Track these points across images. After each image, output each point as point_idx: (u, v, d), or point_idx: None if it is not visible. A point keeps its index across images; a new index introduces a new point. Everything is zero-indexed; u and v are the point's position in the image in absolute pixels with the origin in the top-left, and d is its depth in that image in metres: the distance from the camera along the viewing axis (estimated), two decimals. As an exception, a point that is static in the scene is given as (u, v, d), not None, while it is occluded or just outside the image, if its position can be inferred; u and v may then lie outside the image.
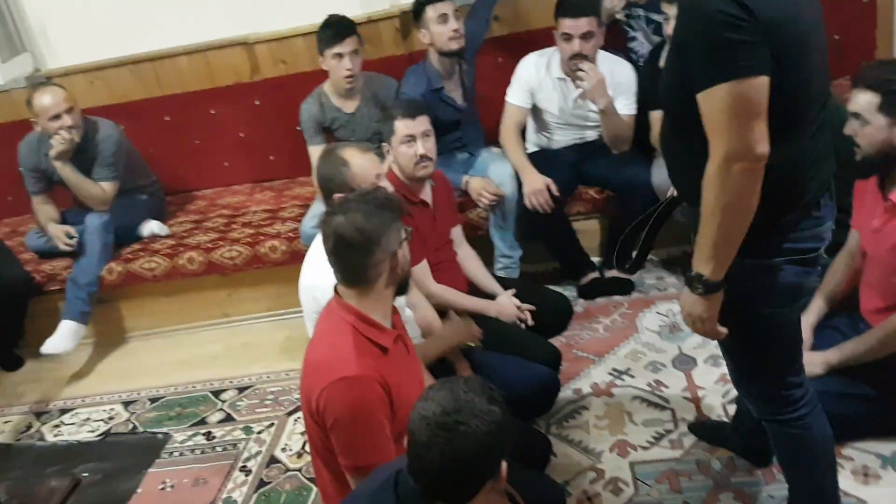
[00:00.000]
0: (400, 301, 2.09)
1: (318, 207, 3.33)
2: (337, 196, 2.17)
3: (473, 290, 2.80)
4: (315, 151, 3.35)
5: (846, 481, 2.10)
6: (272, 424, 2.89)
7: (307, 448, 2.71)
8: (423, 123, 2.61)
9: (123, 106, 3.92)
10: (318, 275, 2.08)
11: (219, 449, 2.82)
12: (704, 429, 2.41)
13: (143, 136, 3.85)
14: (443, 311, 2.64)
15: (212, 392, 3.15)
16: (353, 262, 1.80)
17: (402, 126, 2.59)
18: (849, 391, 2.15)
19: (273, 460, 2.70)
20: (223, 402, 3.08)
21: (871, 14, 3.51)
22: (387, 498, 1.47)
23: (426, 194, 2.73)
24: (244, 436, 2.86)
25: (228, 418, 2.98)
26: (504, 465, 1.43)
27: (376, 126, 3.33)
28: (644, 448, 2.40)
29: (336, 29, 3.15)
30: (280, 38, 3.83)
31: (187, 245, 3.54)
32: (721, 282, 1.55)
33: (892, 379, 2.12)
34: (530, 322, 2.69)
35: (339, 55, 3.16)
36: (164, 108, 3.95)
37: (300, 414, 2.91)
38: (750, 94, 1.38)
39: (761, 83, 1.38)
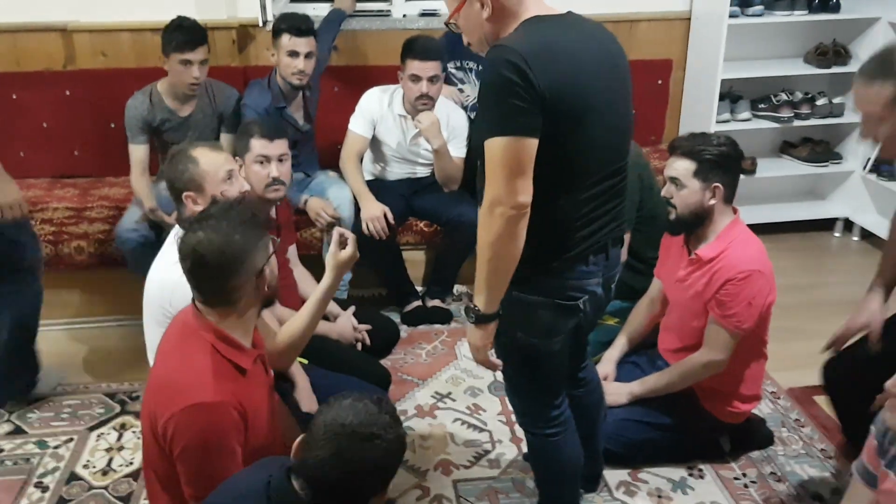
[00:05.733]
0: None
1: (135, 211, 3.16)
2: (191, 204, 2.07)
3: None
4: (136, 150, 3.19)
5: (642, 502, 2.38)
6: (71, 440, 2.66)
7: (113, 465, 2.56)
8: (280, 147, 2.56)
9: None
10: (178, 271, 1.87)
11: (8, 463, 2.55)
12: None
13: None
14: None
15: (-6, 401, 2.84)
16: (214, 284, 1.68)
17: (257, 145, 2.51)
18: (649, 420, 2.45)
19: (74, 477, 2.49)
20: (10, 412, 2.79)
21: (664, 95, 4.05)
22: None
23: (273, 212, 2.70)
24: (38, 450, 2.61)
25: (18, 430, 2.70)
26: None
27: (210, 134, 3.25)
28: (465, 467, 2.53)
29: (189, 36, 3.01)
30: (103, 30, 3.63)
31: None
32: (493, 314, 1.74)
33: (685, 411, 2.45)
34: (368, 342, 2.73)
35: (188, 62, 3.03)
36: (-43, 84, 3.56)
37: (103, 430, 2.73)
38: (518, 152, 1.58)
39: (529, 144, 1.58)
